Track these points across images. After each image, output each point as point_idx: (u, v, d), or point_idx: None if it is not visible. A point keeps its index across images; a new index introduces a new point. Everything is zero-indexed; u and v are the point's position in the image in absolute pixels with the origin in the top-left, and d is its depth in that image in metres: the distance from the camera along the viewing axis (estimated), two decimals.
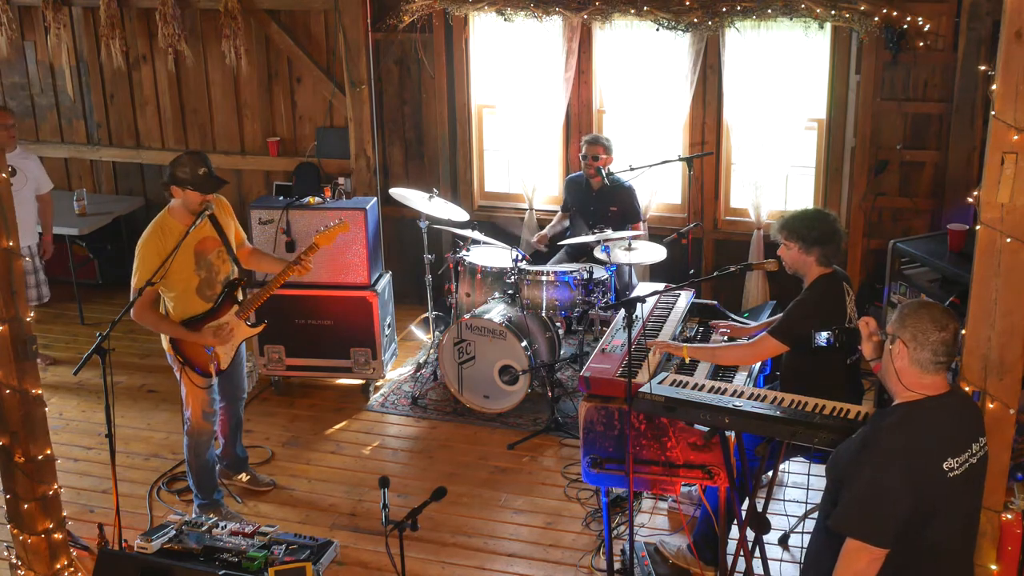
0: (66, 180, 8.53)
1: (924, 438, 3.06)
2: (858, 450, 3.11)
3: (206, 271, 4.93)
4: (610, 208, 6.62)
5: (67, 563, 4.57)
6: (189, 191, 4.78)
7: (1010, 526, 4.04)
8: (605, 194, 6.65)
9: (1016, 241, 3.38)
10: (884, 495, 2.99)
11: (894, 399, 3.20)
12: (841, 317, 4.47)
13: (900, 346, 3.11)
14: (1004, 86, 3.31)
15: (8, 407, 4.22)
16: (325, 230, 5.16)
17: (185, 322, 4.92)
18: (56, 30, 7.89)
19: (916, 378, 3.11)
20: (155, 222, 4.86)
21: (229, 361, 5.11)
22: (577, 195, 6.85)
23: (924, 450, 3.04)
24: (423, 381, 6.68)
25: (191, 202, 4.81)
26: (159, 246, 4.77)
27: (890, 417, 3.12)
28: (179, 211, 4.86)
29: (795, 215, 4.61)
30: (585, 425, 4.21)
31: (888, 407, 3.20)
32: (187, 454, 5.22)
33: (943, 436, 3.10)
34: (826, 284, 4.51)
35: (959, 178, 6.33)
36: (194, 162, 4.79)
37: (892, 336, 3.14)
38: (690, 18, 6.37)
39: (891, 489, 2.99)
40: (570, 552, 5.00)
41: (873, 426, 3.16)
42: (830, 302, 4.49)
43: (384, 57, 7.46)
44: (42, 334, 6.90)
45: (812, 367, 4.46)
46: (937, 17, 6.18)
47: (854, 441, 3.21)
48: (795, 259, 4.56)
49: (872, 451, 3.06)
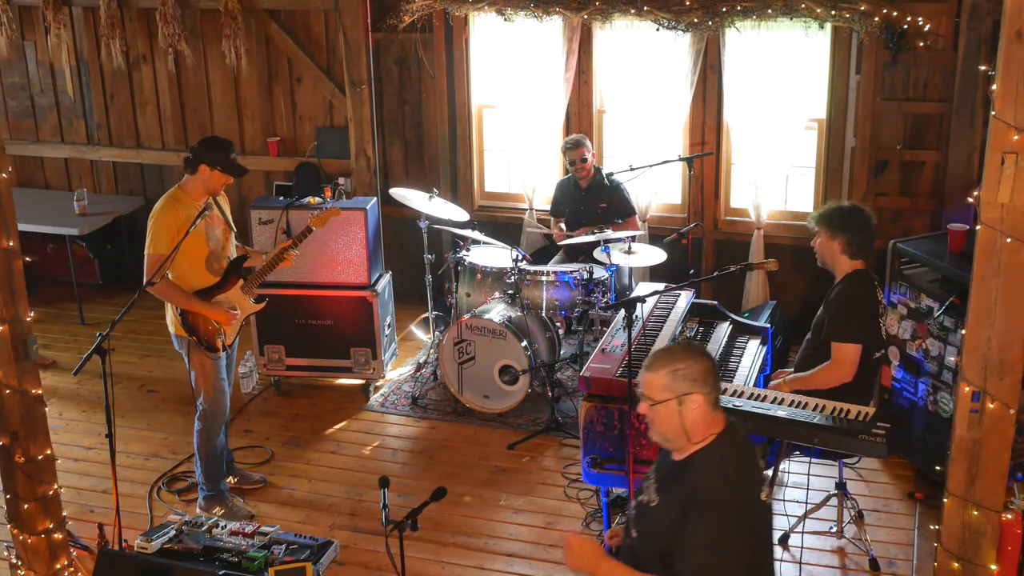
0: (66, 180, 8.54)
1: (741, 476, 2.94)
2: (680, 515, 2.92)
3: (214, 243, 5.06)
4: (600, 205, 6.69)
5: (67, 563, 4.57)
6: (217, 172, 4.93)
7: (1010, 526, 4.05)
8: (593, 192, 6.71)
9: (1016, 241, 3.38)
10: (727, 552, 2.86)
11: (678, 456, 3.03)
12: (875, 311, 4.55)
13: (695, 397, 2.95)
14: (1004, 86, 3.31)
15: (8, 407, 4.22)
16: (318, 213, 5.44)
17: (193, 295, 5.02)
18: (56, 30, 7.89)
19: (707, 422, 2.98)
20: (168, 195, 4.98)
21: (234, 337, 5.23)
22: (567, 196, 6.91)
23: (744, 488, 2.93)
24: (423, 381, 6.67)
25: (215, 183, 4.97)
26: (175, 215, 4.87)
27: (697, 469, 2.96)
28: (194, 188, 4.97)
29: (829, 205, 4.76)
30: (585, 425, 4.21)
31: (685, 461, 3.01)
32: (198, 441, 5.26)
33: (751, 465, 3.00)
34: (855, 279, 4.59)
35: (959, 178, 6.33)
36: (227, 146, 5.01)
37: (680, 396, 2.95)
38: (690, 18, 6.37)
39: (731, 543, 2.86)
40: None
41: (682, 485, 2.98)
42: (867, 298, 4.57)
43: (384, 57, 7.46)
44: (42, 334, 6.91)
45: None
46: (937, 17, 6.18)
47: (665, 512, 3.02)
48: (822, 247, 4.65)
49: (698, 510, 2.89)
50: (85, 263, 8.15)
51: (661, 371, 2.98)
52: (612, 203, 6.71)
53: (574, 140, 6.73)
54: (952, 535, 3.77)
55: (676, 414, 2.96)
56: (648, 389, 3.01)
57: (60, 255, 7.56)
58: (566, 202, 6.92)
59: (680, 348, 3.14)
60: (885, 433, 3.61)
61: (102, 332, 4.44)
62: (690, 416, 2.95)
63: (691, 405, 2.95)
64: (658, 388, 2.98)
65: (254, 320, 6.34)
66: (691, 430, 2.97)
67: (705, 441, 2.98)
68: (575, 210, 6.83)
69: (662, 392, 2.97)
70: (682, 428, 2.97)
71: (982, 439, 3.60)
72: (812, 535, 4.97)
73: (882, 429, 3.64)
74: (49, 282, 7.49)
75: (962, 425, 3.61)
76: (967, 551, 3.75)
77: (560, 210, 7.00)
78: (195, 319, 5.03)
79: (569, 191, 6.90)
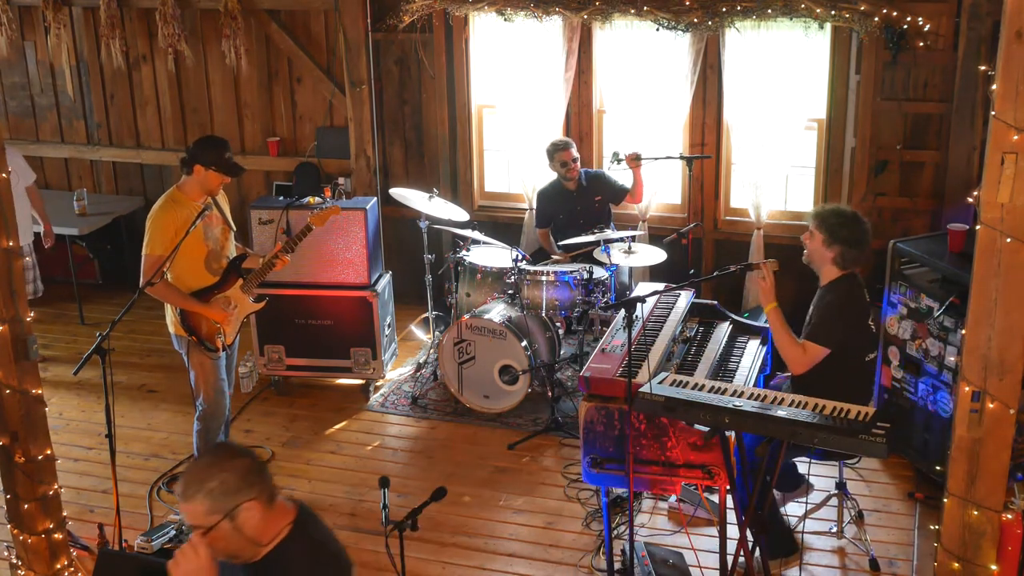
0: (66, 180, 8.54)
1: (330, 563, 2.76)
2: None
3: (212, 243, 5.06)
4: (595, 199, 6.66)
5: (67, 563, 4.56)
6: (212, 172, 4.93)
7: (1010, 526, 4.05)
8: (584, 189, 6.70)
9: (1016, 241, 3.38)
10: None
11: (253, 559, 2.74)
12: (866, 318, 4.56)
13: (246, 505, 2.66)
14: (1004, 86, 3.31)
15: (8, 407, 4.22)
16: (318, 212, 5.44)
17: (192, 295, 5.02)
18: (56, 30, 7.89)
19: (273, 518, 2.74)
20: (166, 196, 4.98)
21: (234, 337, 5.23)
22: (558, 203, 6.79)
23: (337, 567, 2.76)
24: (423, 381, 6.67)
25: (211, 183, 4.96)
26: (173, 216, 4.87)
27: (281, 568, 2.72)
28: (191, 189, 4.98)
29: (833, 208, 4.72)
30: (585, 425, 4.21)
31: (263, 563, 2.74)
32: (197, 442, 5.27)
33: (334, 548, 2.83)
34: (848, 284, 4.59)
35: (959, 178, 6.33)
36: (221, 146, 5.00)
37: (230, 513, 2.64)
38: (690, 18, 6.37)
39: None
40: (570, 552, 5.00)
41: None
42: (856, 303, 4.58)
43: (384, 57, 7.46)
44: (42, 334, 6.92)
45: (830, 362, 4.51)
46: (937, 17, 6.18)
47: None
48: (815, 249, 4.64)
49: None
50: (85, 263, 8.15)
51: (197, 497, 2.66)
52: (605, 192, 6.72)
53: (563, 141, 6.70)
54: (952, 535, 3.77)
55: (234, 531, 2.66)
56: (194, 519, 2.69)
57: (60, 255, 7.56)
58: (557, 209, 6.81)
59: (207, 461, 2.76)
60: (885, 433, 3.60)
61: (102, 332, 4.44)
62: (249, 525, 2.67)
63: (246, 515, 2.66)
64: (203, 514, 2.66)
65: (254, 320, 6.34)
66: (257, 536, 2.71)
67: (279, 536, 2.75)
68: (571, 213, 6.73)
69: (209, 517, 2.65)
70: (247, 540, 2.69)
71: (982, 439, 3.61)
72: (812, 535, 4.97)
73: (882, 429, 3.64)
74: (49, 282, 7.48)
75: (962, 425, 3.62)
76: (967, 551, 3.75)
77: (549, 219, 6.88)
78: (194, 319, 5.03)
79: (558, 197, 6.78)
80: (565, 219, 6.79)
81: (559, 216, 6.83)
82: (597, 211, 6.67)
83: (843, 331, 4.52)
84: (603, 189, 6.76)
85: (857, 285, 4.63)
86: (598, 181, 6.78)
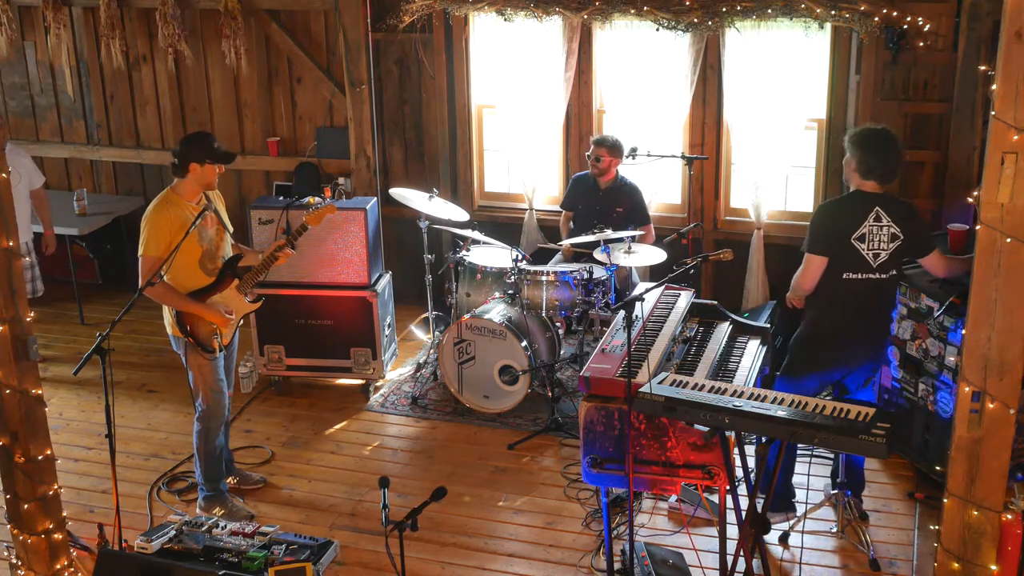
0: (66, 180, 8.54)
1: None
2: None
3: (207, 243, 5.06)
4: (616, 208, 6.61)
5: (67, 563, 4.57)
6: (208, 164, 4.95)
7: (1010, 526, 4.05)
8: (612, 194, 6.63)
9: (1016, 241, 3.38)
10: None
11: None
12: (845, 229, 4.64)
13: None
14: (1004, 86, 3.31)
15: (8, 407, 4.22)
16: (313, 211, 5.43)
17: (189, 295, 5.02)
18: (56, 30, 7.89)
19: None
20: (160, 197, 4.99)
21: (231, 337, 5.23)
22: (584, 194, 6.77)
23: None
24: (423, 381, 6.67)
25: (209, 177, 4.99)
26: (168, 217, 4.88)
27: None
28: (187, 189, 4.99)
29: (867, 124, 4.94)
30: (585, 425, 4.21)
31: None
32: (197, 442, 5.26)
33: None
34: (851, 197, 4.75)
35: (959, 178, 6.33)
36: (207, 139, 5.03)
37: None
38: (690, 18, 6.37)
39: None
40: (570, 552, 5.00)
41: None
42: (844, 212, 4.69)
43: (384, 57, 7.46)
44: (42, 334, 6.92)
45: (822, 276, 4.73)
46: (937, 17, 6.17)
47: None
48: (846, 163, 4.78)
49: None
50: (85, 263, 8.15)
51: None
52: (628, 207, 6.61)
53: (600, 138, 6.60)
54: (952, 535, 3.77)
55: None
56: None
57: (60, 255, 7.56)
58: (579, 199, 6.79)
59: None
60: (885, 433, 3.60)
61: (102, 332, 4.44)
62: None
63: None
64: None
65: (254, 320, 6.34)
66: None
67: None
68: (590, 208, 6.69)
69: None
70: None
71: (982, 439, 3.61)
72: (812, 535, 4.97)
73: (882, 429, 3.64)
74: (49, 282, 7.48)
75: (962, 425, 3.62)
76: (967, 551, 3.75)
77: (573, 204, 6.86)
78: (191, 320, 5.02)
79: (586, 188, 6.75)
80: (583, 212, 6.75)
81: (578, 206, 6.80)
82: (614, 218, 6.55)
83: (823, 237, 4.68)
84: (628, 202, 6.62)
85: (853, 200, 4.71)
86: (628, 194, 6.64)
